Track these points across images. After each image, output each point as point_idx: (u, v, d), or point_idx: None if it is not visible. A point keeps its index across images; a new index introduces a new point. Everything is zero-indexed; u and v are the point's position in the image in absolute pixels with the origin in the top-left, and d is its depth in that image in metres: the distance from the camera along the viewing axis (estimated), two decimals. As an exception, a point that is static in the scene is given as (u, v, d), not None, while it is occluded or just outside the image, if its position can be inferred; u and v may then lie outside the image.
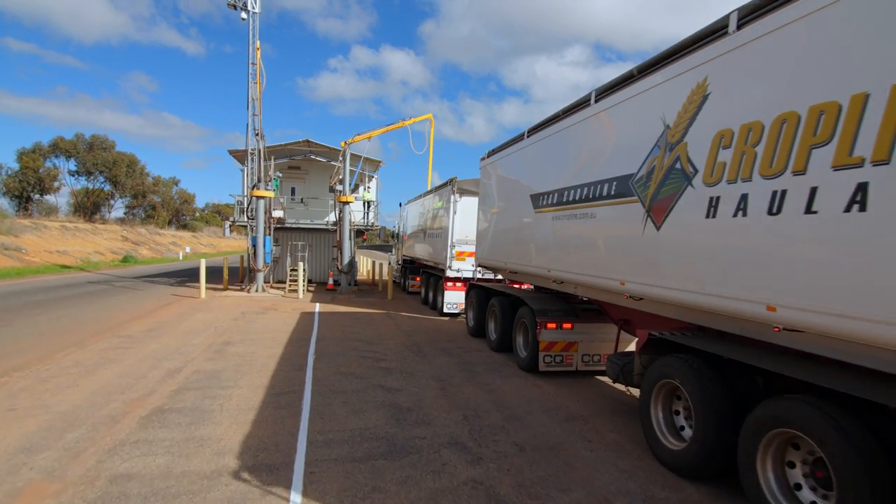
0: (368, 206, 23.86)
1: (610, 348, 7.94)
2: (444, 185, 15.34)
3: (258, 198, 19.23)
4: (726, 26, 4.41)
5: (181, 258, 49.21)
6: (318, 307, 16.09)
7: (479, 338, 11.55)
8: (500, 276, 12.03)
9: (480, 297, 11.42)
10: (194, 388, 7.07)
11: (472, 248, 14.54)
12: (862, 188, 3.12)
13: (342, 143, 19.80)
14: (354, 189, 25.29)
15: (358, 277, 27.17)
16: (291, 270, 20.38)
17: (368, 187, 24.57)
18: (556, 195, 7.73)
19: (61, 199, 53.94)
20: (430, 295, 16.81)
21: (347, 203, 20.13)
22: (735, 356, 4.18)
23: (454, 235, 14.44)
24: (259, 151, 19.14)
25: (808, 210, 3.47)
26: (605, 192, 6.29)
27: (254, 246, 19.42)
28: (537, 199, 8.39)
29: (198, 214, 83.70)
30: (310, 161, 26.03)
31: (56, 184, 46.00)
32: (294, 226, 22.40)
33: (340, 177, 20.58)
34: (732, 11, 4.33)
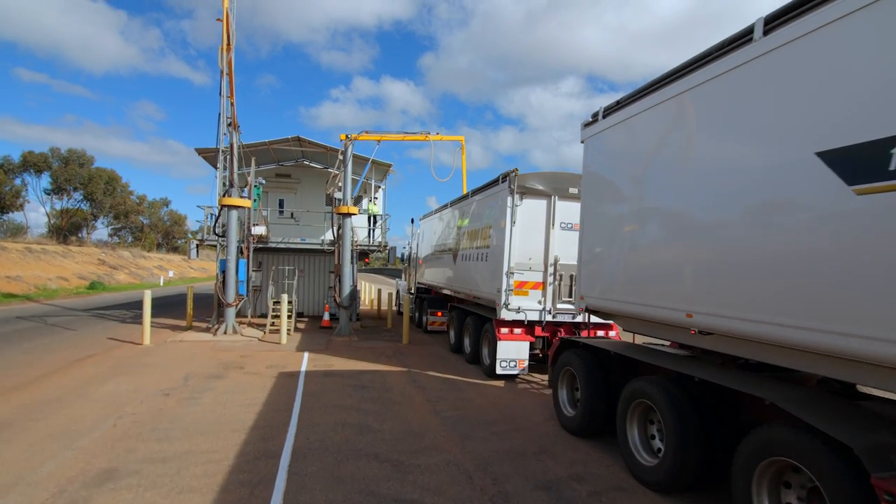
0: (375, 222, 18.99)
1: None
2: (493, 182, 10.51)
3: (229, 208, 14.39)
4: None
5: (161, 284, 44.25)
6: (305, 362, 11.07)
7: (590, 440, 6.57)
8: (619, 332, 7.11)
9: (606, 374, 6.45)
10: None
11: (538, 277, 9.64)
12: None
13: (342, 137, 15.06)
14: (357, 201, 20.48)
15: (360, 307, 22.20)
16: (274, 304, 15.42)
17: (375, 198, 19.74)
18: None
19: (40, 218, 49.08)
20: (468, 342, 11.84)
21: (349, 215, 15.26)
22: None
23: (511, 257, 9.54)
24: (232, 147, 14.39)
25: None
26: None
27: (222, 272, 14.50)
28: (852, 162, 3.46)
29: (190, 236, 78.96)
30: (303, 168, 21.27)
31: (19, 201, 41.18)
32: (281, 245, 17.49)
33: (340, 183, 15.80)
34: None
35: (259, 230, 16.81)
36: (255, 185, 16.99)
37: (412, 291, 19.91)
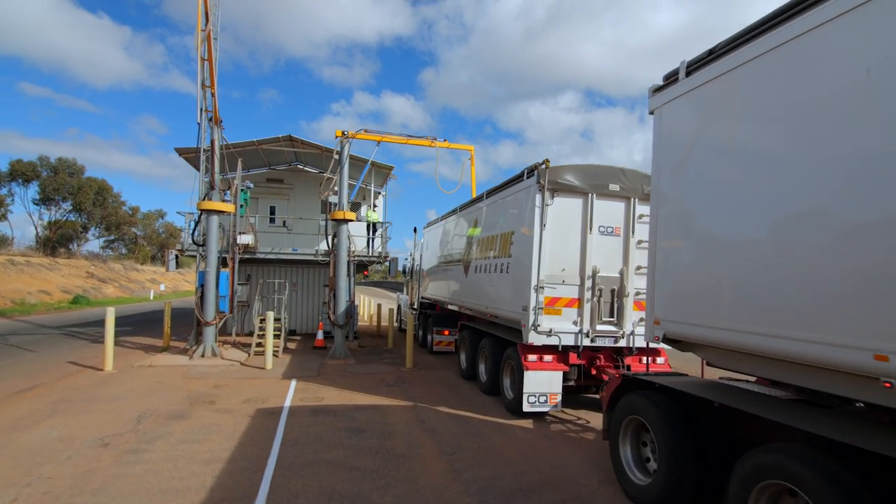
0: (374, 230, 17.27)
1: None
2: (516, 179, 8.80)
3: (209, 213, 12.69)
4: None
5: (152, 297, 42.43)
6: (290, 394, 9.29)
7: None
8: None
9: (694, 431, 4.64)
10: None
11: (573, 292, 7.94)
12: None
13: (338, 133, 13.40)
14: (355, 208, 18.79)
15: (359, 322, 20.42)
16: (260, 321, 13.62)
17: (374, 205, 18.02)
18: None
19: (29, 230, 47.31)
20: (483, 368, 10.07)
21: (345, 222, 13.54)
22: None
23: (541, 268, 7.80)
24: (213, 144, 12.73)
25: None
26: None
27: (201, 286, 12.75)
28: None
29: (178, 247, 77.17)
30: (296, 172, 19.63)
31: (2, 210, 39.49)
32: (270, 256, 15.75)
33: (336, 187, 14.10)
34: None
35: (245, 239, 15.11)
36: (242, 189, 15.33)
37: (415, 307, 18.15)
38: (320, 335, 15.46)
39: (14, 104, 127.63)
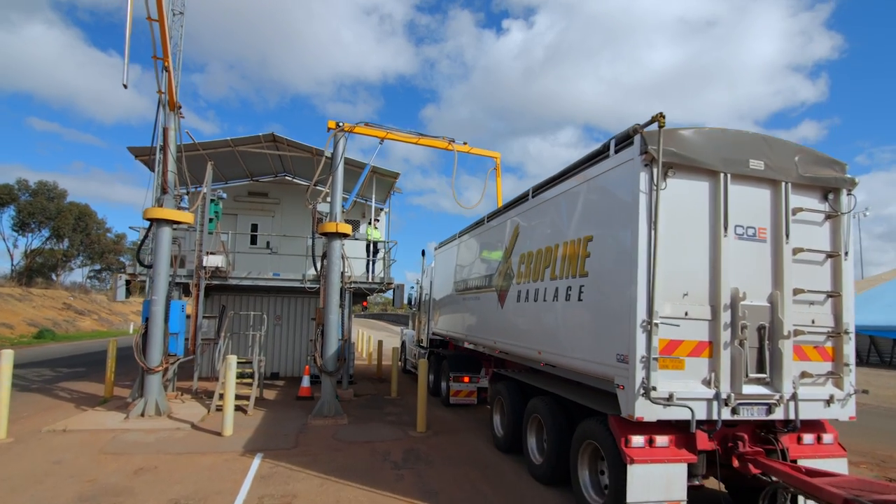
0: (375, 252, 14.20)
1: None
2: (599, 154, 5.77)
3: (158, 224, 9.68)
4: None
5: (132, 331, 39.04)
6: (247, 485, 6.08)
7: None
8: None
9: None
10: None
11: (701, 332, 4.84)
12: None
13: (331, 125, 10.49)
14: (354, 226, 15.78)
15: (355, 360, 17.12)
16: (240, 363, 10.35)
17: (376, 220, 15.01)
18: None
19: (16, 258, 44.03)
20: (534, 445, 6.89)
21: (339, 237, 10.49)
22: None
23: (654, 292, 4.72)
24: (166, 134, 9.82)
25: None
26: None
27: (146, 321, 9.61)
28: None
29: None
30: (283, 185, 16.74)
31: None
32: (246, 282, 12.63)
33: (328, 196, 11.11)
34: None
35: (215, 261, 12.07)
36: (213, 200, 12.40)
37: (423, 344, 14.97)
38: (306, 382, 12.21)
39: (21, 138, 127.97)
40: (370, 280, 13.27)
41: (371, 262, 13.76)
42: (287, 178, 16.53)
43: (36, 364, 17.84)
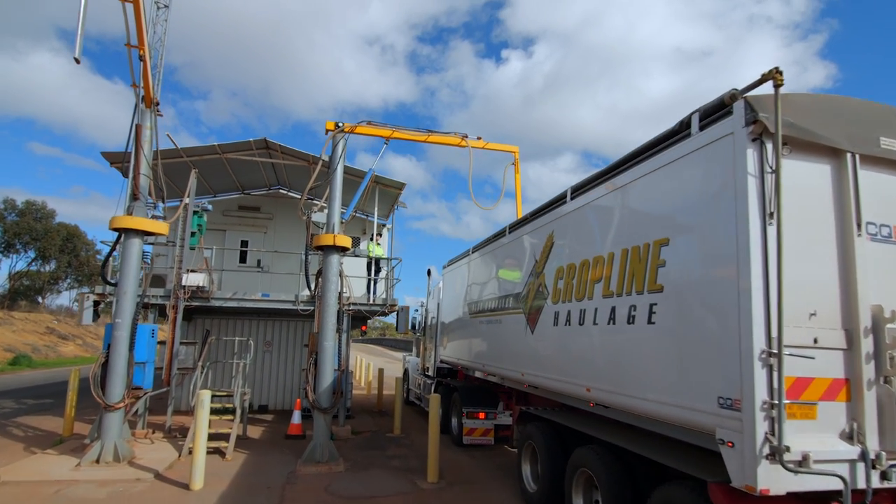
0: (377, 270, 12.84)
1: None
2: (680, 131, 4.51)
3: (126, 234, 8.35)
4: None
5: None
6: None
7: None
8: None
9: None
10: None
11: (835, 366, 3.42)
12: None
13: (329, 126, 9.27)
14: (353, 242, 14.47)
15: (353, 389, 15.56)
16: (221, 396, 8.87)
17: (379, 234, 13.68)
18: None
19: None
20: (582, 506, 5.44)
21: (337, 252, 9.14)
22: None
23: (780, 312, 3.39)
24: (138, 131, 8.58)
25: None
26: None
27: (107, 348, 8.19)
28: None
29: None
30: (277, 199, 15.50)
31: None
32: (230, 304, 11.22)
33: (322, 203, 9.82)
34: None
35: (196, 279, 10.71)
36: (196, 212, 11.13)
37: (430, 373, 13.49)
38: (296, 418, 10.71)
39: (21, 162, 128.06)
40: (371, 301, 11.88)
41: (373, 282, 12.39)
42: (281, 191, 15.29)
43: (4, 394, 16.23)
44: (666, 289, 4.28)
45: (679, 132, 4.35)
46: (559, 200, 6.47)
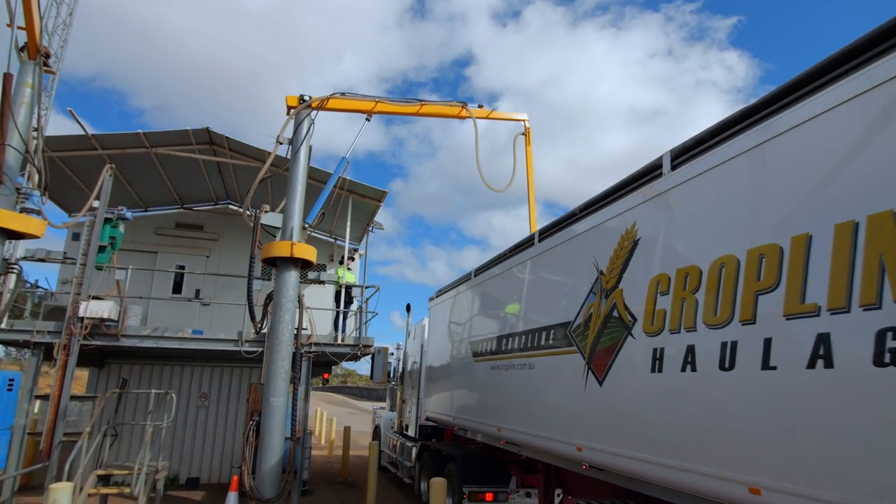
0: (348, 301, 10.18)
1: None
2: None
3: (-26, 230, 5.58)
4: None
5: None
6: None
7: None
8: None
9: None
10: None
11: None
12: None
13: (290, 101, 6.85)
14: (319, 269, 11.81)
15: (311, 451, 12.36)
16: (115, 475, 5.90)
17: (350, 259, 11.04)
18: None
19: None
20: None
21: (295, 267, 6.53)
22: None
23: None
24: (8, 82, 5.96)
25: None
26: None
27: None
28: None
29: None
30: (225, 217, 12.78)
31: None
32: (147, 343, 8.30)
33: (279, 208, 7.25)
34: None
35: (100, 308, 7.86)
36: (109, 219, 8.40)
37: (409, 433, 10.71)
38: (232, 501, 7.71)
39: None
40: (340, 341, 9.16)
41: (342, 316, 9.70)
42: (231, 206, 12.61)
43: None
44: None
45: None
46: (650, 172, 4.18)
